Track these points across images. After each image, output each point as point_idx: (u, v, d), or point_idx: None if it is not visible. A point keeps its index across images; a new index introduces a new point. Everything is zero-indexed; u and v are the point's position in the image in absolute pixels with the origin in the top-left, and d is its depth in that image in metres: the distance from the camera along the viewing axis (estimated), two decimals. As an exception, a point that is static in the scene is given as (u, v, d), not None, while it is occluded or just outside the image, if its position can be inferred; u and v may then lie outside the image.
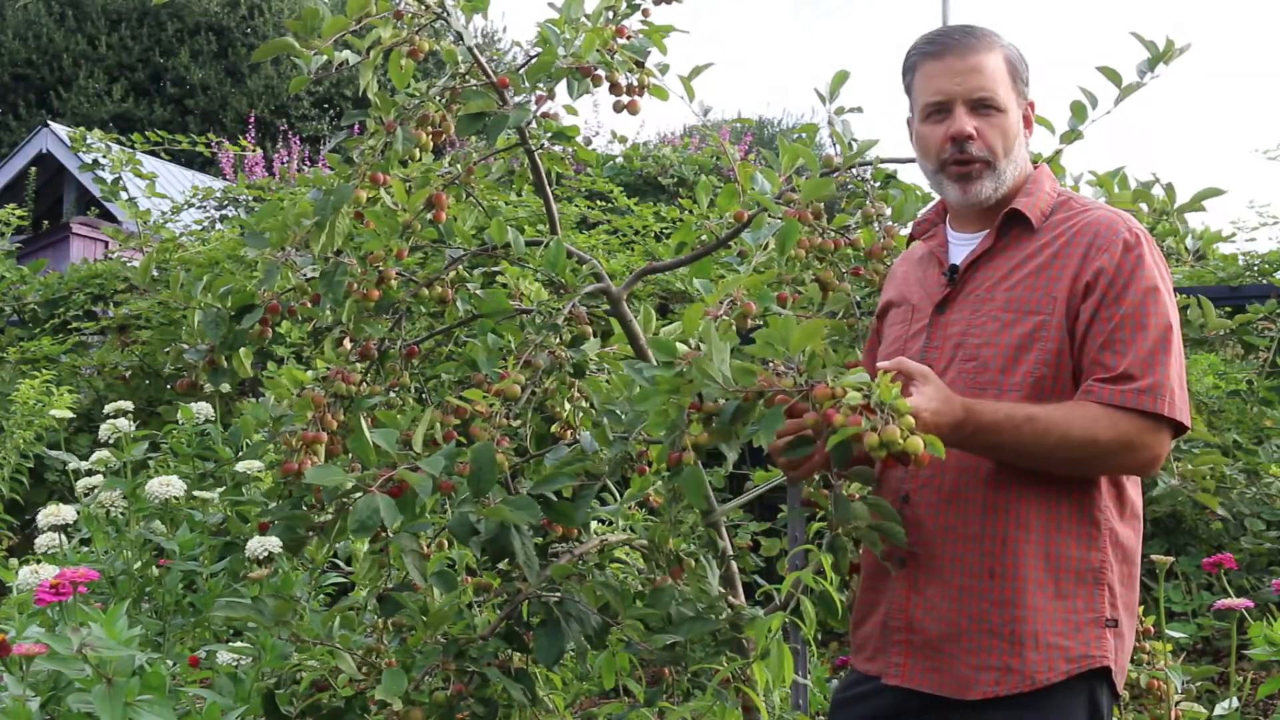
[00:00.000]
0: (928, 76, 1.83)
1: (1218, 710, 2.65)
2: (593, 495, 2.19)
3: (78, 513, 2.73)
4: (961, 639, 1.73)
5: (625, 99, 2.49)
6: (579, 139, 2.73)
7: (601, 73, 2.42)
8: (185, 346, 2.43)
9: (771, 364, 1.65)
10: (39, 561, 2.49)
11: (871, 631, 1.85)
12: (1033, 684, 1.68)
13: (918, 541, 1.78)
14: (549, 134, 2.58)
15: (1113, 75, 2.42)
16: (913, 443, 1.49)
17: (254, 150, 8.04)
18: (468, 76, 2.44)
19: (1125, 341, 1.67)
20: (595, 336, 2.40)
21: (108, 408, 3.01)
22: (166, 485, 2.67)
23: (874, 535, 1.78)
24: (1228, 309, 4.67)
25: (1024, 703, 1.69)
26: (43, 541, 2.63)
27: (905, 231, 2.51)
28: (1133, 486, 1.78)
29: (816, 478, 1.92)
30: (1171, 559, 2.83)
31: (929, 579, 1.77)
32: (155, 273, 5.23)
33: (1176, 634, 2.88)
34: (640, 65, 2.48)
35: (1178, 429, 1.69)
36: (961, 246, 1.88)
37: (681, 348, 1.73)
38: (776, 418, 1.59)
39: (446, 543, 2.49)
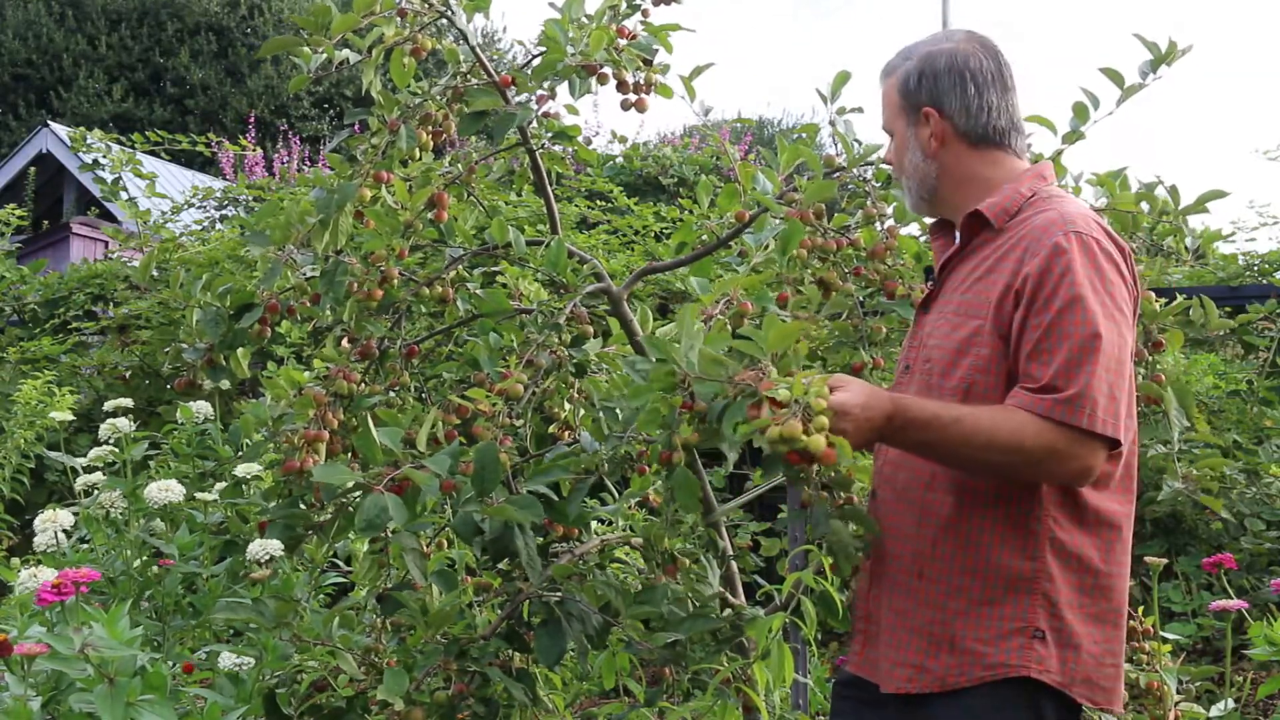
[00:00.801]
0: None
1: (1213, 711, 2.64)
2: (585, 491, 2.19)
3: (75, 514, 2.73)
4: (891, 634, 1.77)
5: (633, 97, 2.50)
6: (579, 139, 2.73)
7: (609, 71, 2.42)
8: (184, 345, 2.43)
9: (759, 363, 1.66)
10: (38, 563, 2.49)
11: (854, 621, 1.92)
12: (942, 685, 1.69)
13: (877, 536, 1.83)
14: (550, 133, 2.58)
15: (1115, 76, 2.42)
16: (814, 441, 1.48)
17: (254, 150, 8.03)
18: (469, 76, 2.44)
19: (1050, 351, 1.64)
20: (595, 336, 2.40)
21: (107, 406, 3.00)
22: (165, 490, 2.66)
23: (848, 548, 1.79)
24: (1228, 309, 4.67)
25: (954, 702, 1.69)
26: (41, 541, 2.63)
27: (907, 231, 2.52)
28: (1099, 494, 1.73)
29: (816, 478, 1.93)
30: (1164, 561, 2.83)
31: (881, 574, 1.82)
32: (155, 272, 5.23)
33: (1172, 635, 2.88)
34: (648, 63, 2.49)
35: (1113, 442, 1.65)
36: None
37: (676, 346, 1.73)
38: (739, 410, 1.62)
39: (446, 542, 2.49)
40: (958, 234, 1.90)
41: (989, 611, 1.69)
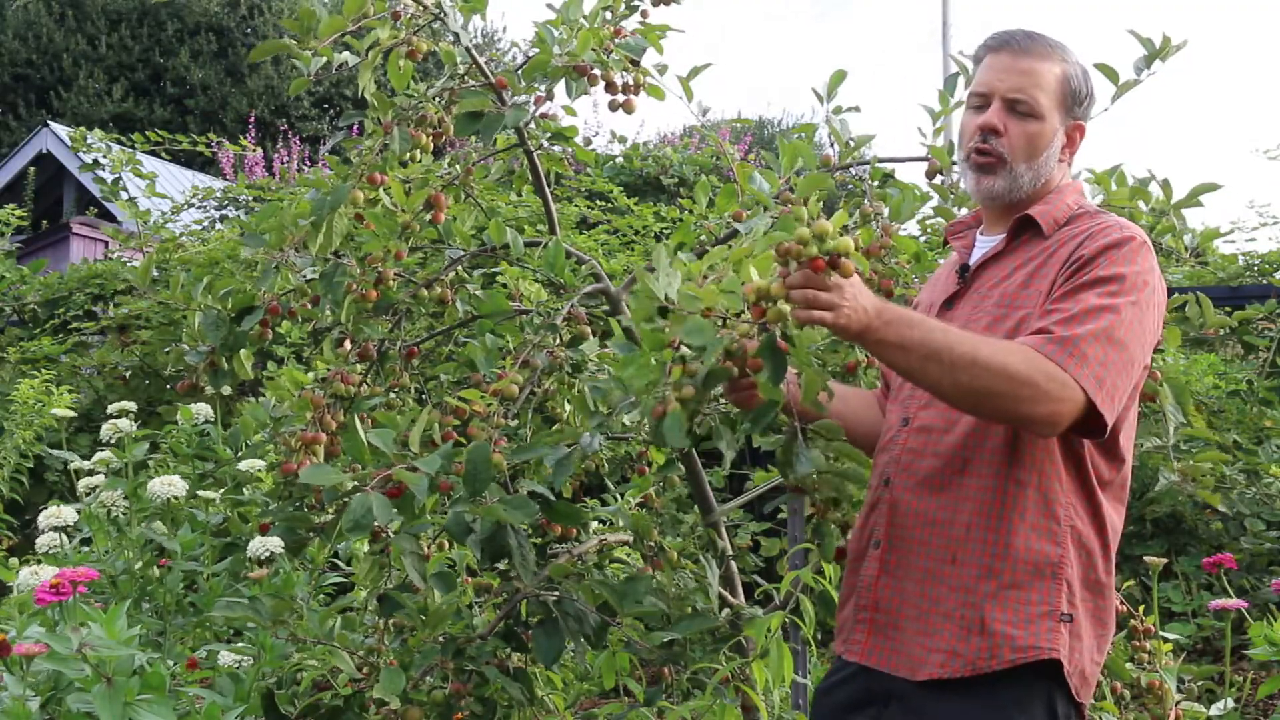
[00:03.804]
0: (984, 68, 1.88)
1: (1213, 711, 2.65)
2: (573, 464, 2.17)
3: (78, 512, 2.73)
4: (919, 620, 1.76)
5: (621, 98, 2.50)
6: (578, 139, 2.74)
7: (597, 72, 2.42)
8: (186, 348, 2.43)
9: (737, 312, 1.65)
10: (39, 562, 2.49)
11: (847, 614, 1.89)
12: (974, 669, 1.69)
13: (893, 524, 1.81)
14: (547, 134, 2.59)
15: (1109, 72, 2.42)
16: (843, 242, 1.51)
17: (254, 150, 8.04)
18: (466, 77, 2.44)
19: (1063, 311, 1.68)
20: (594, 336, 2.40)
21: (111, 408, 3.01)
22: (168, 485, 2.67)
23: (835, 480, 1.77)
24: (1228, 309, 4.67)
25: (977, 689, 1.69)
26: (44, 541, 2.63)
27: (903, 230, 2.52)
28: (1105, 495, 1.77)
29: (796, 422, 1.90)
30: (1164, 561, 2.83)
31: (898, 561, 1.80)
32: (155, 273, 5.23)
33: (1173, 635, 2.88)
34: (635, 64, 2.49)
35: (1094, 417, 1.65)
36: (983, 249, 1.91)
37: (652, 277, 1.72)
38: (705, 331, 1.62)
39: (446, 543, 2.50)
40: (978, 236, 1.92)
41: (1017, 595, 1.70)
